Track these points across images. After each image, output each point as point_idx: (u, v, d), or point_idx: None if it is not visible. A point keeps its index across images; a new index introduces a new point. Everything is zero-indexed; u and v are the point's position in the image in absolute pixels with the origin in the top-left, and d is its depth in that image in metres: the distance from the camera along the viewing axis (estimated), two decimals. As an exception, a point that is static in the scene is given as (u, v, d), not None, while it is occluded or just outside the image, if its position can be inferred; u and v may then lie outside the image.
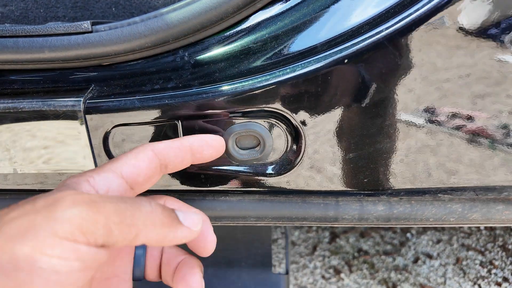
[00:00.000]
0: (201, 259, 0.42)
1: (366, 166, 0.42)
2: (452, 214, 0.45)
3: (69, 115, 0.42)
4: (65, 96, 0.43)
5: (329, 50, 0.38)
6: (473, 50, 0.38)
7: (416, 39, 0.37)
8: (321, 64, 0.38)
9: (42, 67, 0.45)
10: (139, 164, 0.34)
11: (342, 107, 0.40)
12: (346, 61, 0.37)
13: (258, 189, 0.45)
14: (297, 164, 0.43)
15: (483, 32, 0.37)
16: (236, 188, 0.45)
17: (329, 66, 0.38)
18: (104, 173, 0.33)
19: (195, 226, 0.31)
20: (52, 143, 0.44)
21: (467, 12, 0.36)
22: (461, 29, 0.37)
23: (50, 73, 0.46)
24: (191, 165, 0.38)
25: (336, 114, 0.41)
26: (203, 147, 0.37)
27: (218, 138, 0.39)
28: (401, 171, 0.43)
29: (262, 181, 0.44)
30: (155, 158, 0.35)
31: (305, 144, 0.42)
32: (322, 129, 0.41)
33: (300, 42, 0.39)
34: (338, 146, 0.42)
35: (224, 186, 0.45)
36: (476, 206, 0.45)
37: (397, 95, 0.40)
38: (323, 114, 0.41)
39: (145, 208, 0.27)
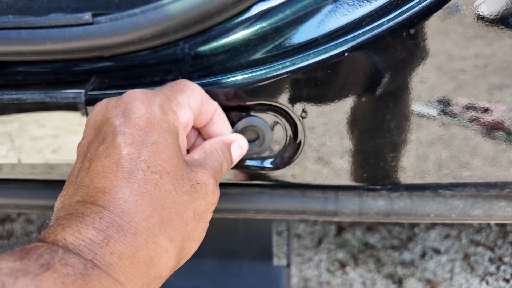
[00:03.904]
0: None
1: (366, 160, 0.42)
2: (453, 210, 0.44)
3: (71, 107, 0.42)
4: (67, 87, 0.43)
5: (329, 43, 0.37)
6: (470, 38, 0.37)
7: (419, 32, 0.36)
8: (321, 58, 0.37)
9: (45, 59, 0.45)
10: (196, 102, 0.35)
11: (342, 101, 0.39)
12: (346, 54, 0.36)
13: (257, 182, 0.45)
14: (296, 158, 0.43)
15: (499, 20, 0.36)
16: (235, 181, 0.45)
17: (329, 59, 0.37)
18: (183, 109, 0.34)
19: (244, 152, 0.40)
20: (55, 135, 0.44)
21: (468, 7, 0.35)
22: (472, 19, 0.36)
23: (53, 65, 0.46)
24: None
25: (336, 108, 0.40)
26: (219, 122, 0.38)
27: (230, 126, 0.40)
28: (402, 166, 0.42)
29: (261, 175, 0.44)
30: (201, 105, 0.36)
31: (304, 138, 0.42)
32: (321, 123, 0.41)
33: (301, 34, 0.39)
34: (338, 140, 0.41)
35: (223, 178, 0.45)
36: (478, 202, 0.44)
37: (398, 89, 0.39)
38: (323, 108, 0.40)
39: (225, 166, 0.36)
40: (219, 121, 0.38)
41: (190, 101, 0.34)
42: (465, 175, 0.41)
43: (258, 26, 0.40)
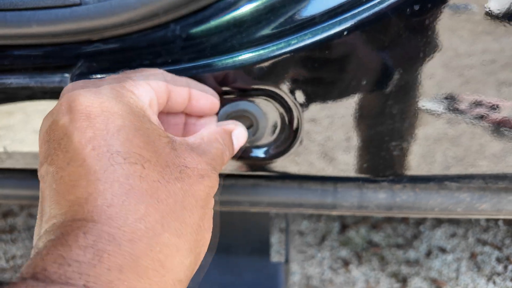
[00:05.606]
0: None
1: (367, 150, 0.40)
2: (459, 204, 0.41)
3: (57, 92, 0.41)
4: (53, 72, 0.42)
5: (327, 22, 0.34)
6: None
7: (424, 9, 0.33)
8: (319, 38, 0.35)
9: (32, 43, 0.44)
10: (158, 83, 0.31)
11: (342, 85, 0.37)
12: (345, 33, 0.34)
13: (251, 173, 0.42)
14: (292, 147, 0.41)
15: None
16: (229, 171, 0.43)
17: (327, 40, 0.35)
18: (142, 87, 0.29)
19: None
20: (40, 122, 0.43)
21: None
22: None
23: (41, 49, 0.44)
24: None
25: (335, 93, 0.38)
26: (201, 95, 0.35)
27: (215, 93, 0.37)
28: (404, 156, 0.40)
29: (255, 165, 0.42)
30: (166, 85, 0.33)
31: (301, 126, 0.39)
32: (319, 110, 0.39)
33: (298, 13, 0.37)
34: (337, 128, 0.39)
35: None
36: (486, 195, 0.41)
37: (401, 72, 0.36)
38: (321, 93, 0.38)
39: (226, 154, 0.33)
40: (199, 96, 0.35)
41: (150, 81, 0.30)
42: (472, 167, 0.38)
43: (252, 5, 0.38)
